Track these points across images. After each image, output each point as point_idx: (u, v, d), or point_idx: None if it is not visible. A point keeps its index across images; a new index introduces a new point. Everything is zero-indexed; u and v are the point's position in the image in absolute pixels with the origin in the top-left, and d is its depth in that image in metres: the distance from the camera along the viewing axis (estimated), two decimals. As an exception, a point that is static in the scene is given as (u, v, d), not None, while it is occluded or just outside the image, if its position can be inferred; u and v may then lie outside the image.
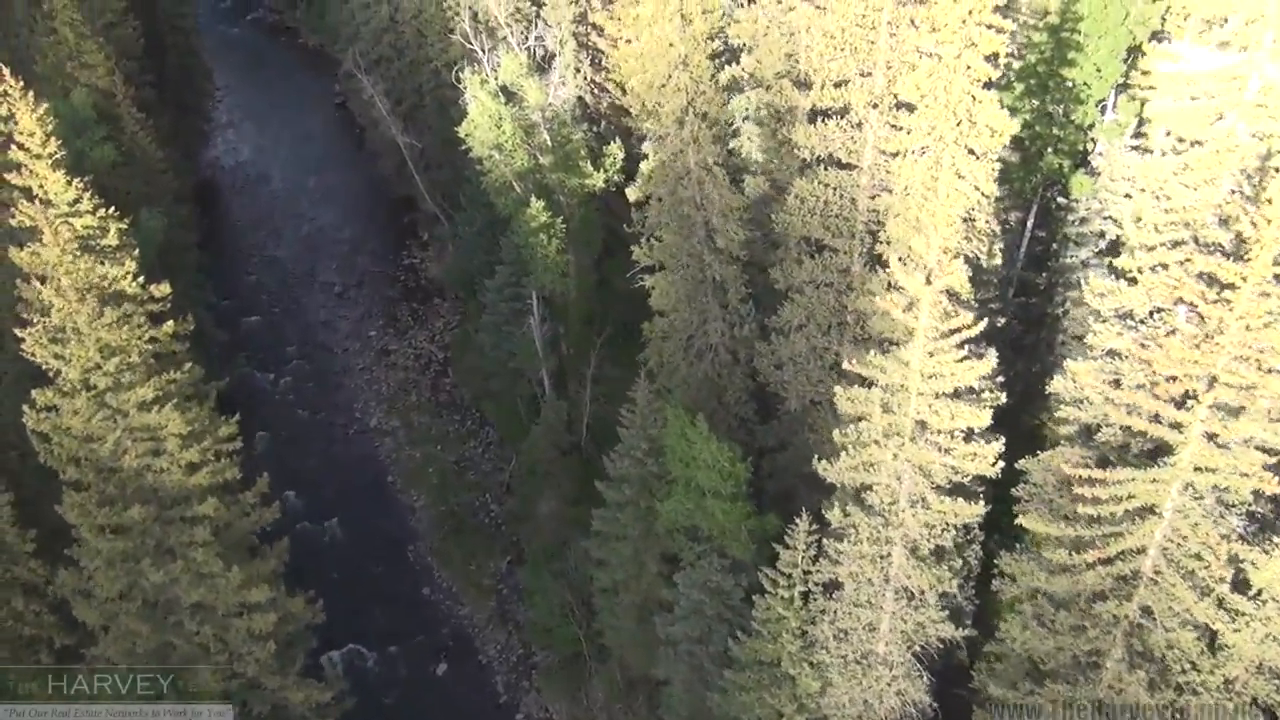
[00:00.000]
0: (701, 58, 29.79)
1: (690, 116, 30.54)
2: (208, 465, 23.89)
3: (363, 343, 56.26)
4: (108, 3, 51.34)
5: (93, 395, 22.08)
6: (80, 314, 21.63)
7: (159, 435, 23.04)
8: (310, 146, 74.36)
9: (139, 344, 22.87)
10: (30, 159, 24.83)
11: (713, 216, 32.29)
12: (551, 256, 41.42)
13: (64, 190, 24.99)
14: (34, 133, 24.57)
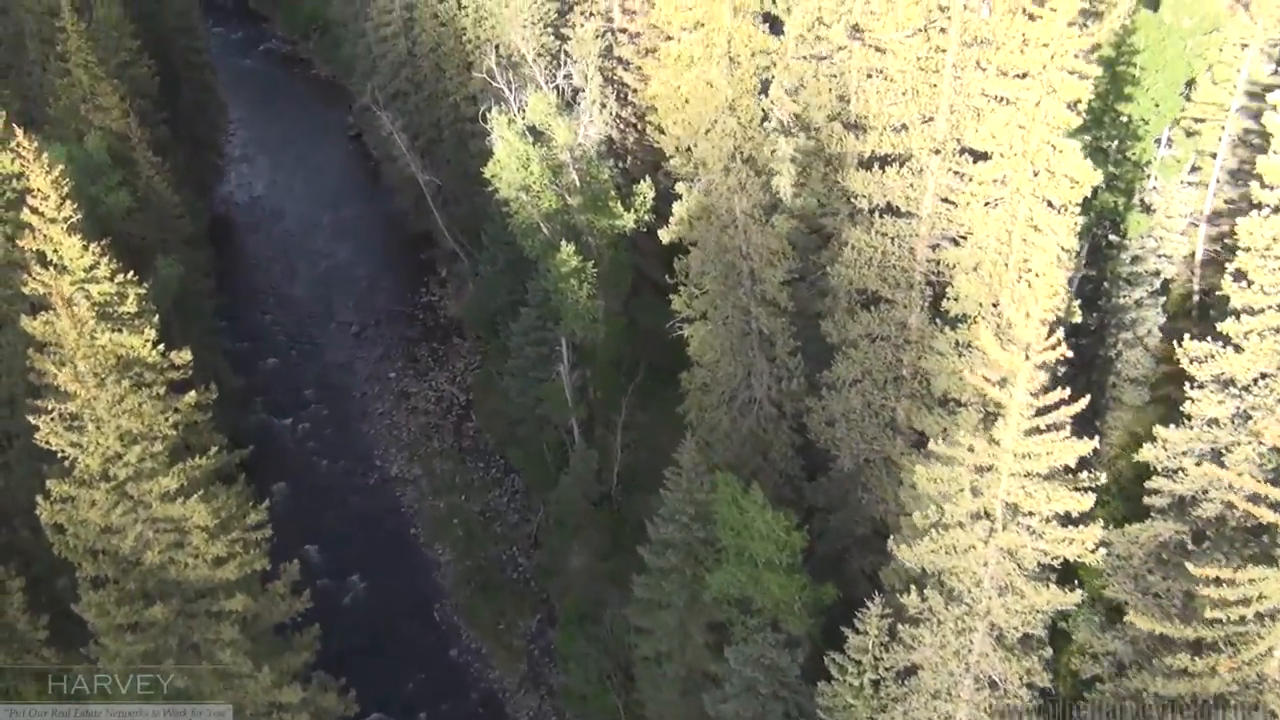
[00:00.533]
0: (750, 102, 28.17)
1: (737, 163, 28.90)
2: (236, 557, 22.18)
3: (382, 385, 54.59)
4: (122, 41, 50.10)
5: (112, 486, 20.39)
6: (99, 400, 19.98)
7: (183, 527, 21.32)
8: (325, 180, 73.07)
9: (162, 429, 21.18)
10: (44, 223, 23.26)
11: (760, 267, 30.56)
12: (583, 302, 39.74)
13: (80, 256, 23.40)
14: (48, 195, 22.99)
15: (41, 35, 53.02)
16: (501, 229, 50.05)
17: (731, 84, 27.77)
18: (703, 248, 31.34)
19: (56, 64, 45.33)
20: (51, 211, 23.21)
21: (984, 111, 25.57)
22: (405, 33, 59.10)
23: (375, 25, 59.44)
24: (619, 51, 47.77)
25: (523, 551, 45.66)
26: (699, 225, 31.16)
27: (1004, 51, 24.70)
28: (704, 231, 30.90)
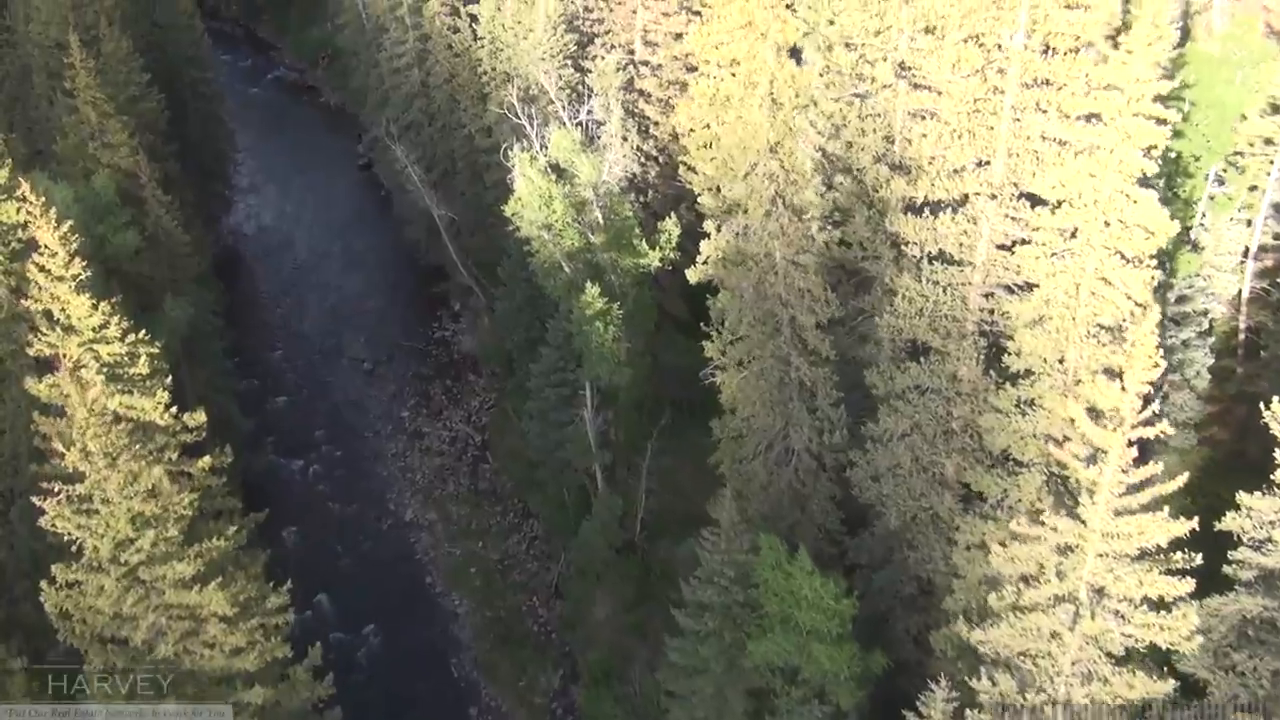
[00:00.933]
0: (792, 144, 26.76)
1: (778, 208, 27.46)
2: (255, 646, 20.60)
3: (394, 425, 53.05)
4: (130, 75, 48.95)
5: (124, 572, 18.86)
6: (110, 481, 18.49)
7: (199, 615, 19.78)
8: (334, 210, 71.85)
9: (178, 508, 19.65)
10: (51, 281, 21.85)
11: (801, 314, 29.07)
12: (608, 346, 38.23)
13: (88, 315, 21.96)
14: (55, 252, 21.58)
15: (49, 68, 51.96)
16: (519, 265, 48.68)
17: (774, 126, 26.37)
18: (738, 294, 29.85)
19: (64, 99, 44.09)
20: (59, 268, 21.82)
21: (1045, 156, 24.21)
22: (419, 64, 58.04)
23: (388, 56, 58.37)
24: (641, 84, 46.57)
25: (543, 602, 43.95)
26: (735, 270, 29.70)
27: (1067, 93, 23.37)
28: (740, 277, 29.44)
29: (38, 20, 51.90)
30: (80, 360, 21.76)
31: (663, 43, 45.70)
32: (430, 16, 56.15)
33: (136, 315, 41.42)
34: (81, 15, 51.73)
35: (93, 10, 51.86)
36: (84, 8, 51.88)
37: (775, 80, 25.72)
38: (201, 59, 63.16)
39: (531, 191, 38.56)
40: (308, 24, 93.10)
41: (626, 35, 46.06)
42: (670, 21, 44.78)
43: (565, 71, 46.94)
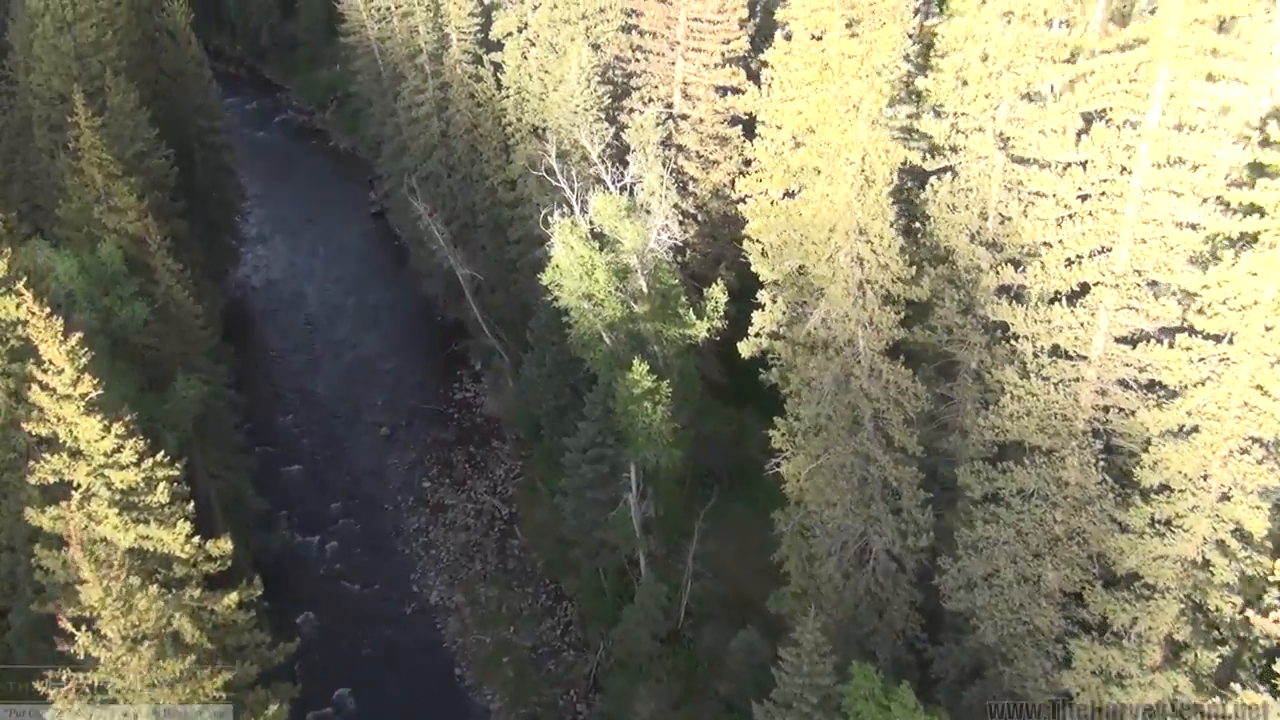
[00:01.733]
0: (884, 227, 24.02)
1: (867, 295, 24.67)
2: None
3: (416, 496, 49.99)
4: (137, 130, 46.35)
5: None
6: (129, 666, 15.58)
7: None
8: (347, 262, 69.21)
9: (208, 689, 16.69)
10: (56, 402, 19.00)
11: (888, 408, 26.21)
12: (655, 426, 35.38)
13: (99, 439, 19.08)
14: (62, 369, 18.75)
15: (50, 121, 49.44)
16: (549, 329, 45.98)
17: (865, 207, 23.65)
18: (816, 386, 26.99)
19: (67, 160, 41.41)
20: (65, 387, 18.97)
21: (1176, 244, 21.52)
22: (438, 113, 55.60)
23: (406, 105, 55.94)
24: (680, 139, 44.04)
25: (581, 696, 40.74)
26: (811, 358, 26.85)
27: (1203, 174, 20.70)
28: (819, 367, 26.58)
29: (39, 71, 49.41)
30: (90, 489, 18.83)
31: (703, 96, 43.20)
32: (451, 65, 53.82)
33: (146, 392, 38.78)
34: (86, 66, 49.28)
35: (97, 60, 49.38)
36: (88, 58, 49.41)
37: (868, 155, 23.03)
38: (210, 107, 60.64)
39: (572, 260, 35.86)
40: (315, 66, 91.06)
41: (665, 88, 43.56)
42: (713, 74, 42.30)
43: (599, 126, 44.41)
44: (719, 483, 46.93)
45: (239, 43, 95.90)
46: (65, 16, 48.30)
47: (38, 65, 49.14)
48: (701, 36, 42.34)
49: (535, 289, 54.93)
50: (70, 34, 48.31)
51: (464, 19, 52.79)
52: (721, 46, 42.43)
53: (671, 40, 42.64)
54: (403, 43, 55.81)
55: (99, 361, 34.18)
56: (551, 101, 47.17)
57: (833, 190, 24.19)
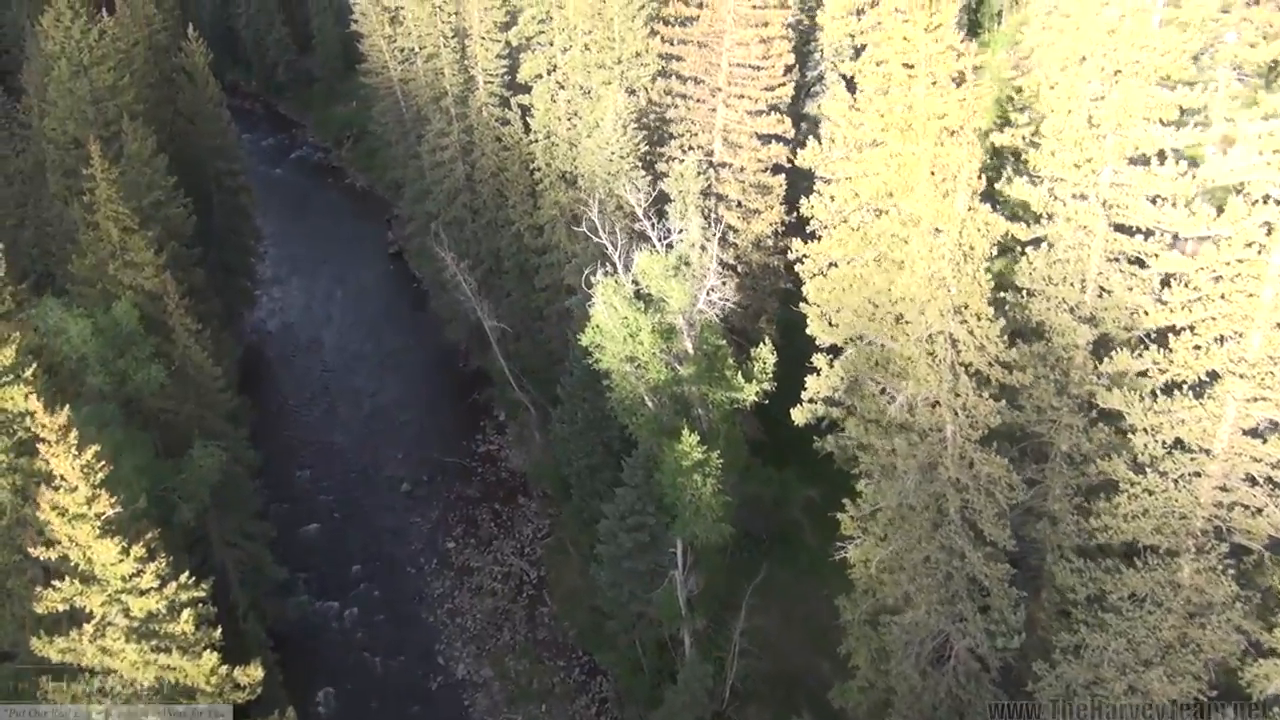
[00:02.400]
0: (982, 305, 21.78)
1: (962, 380, 22.40)
2: None
3: (440, 558, 47.60)
4: (154, 179, 44.49)
5: None
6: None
7: None
8: (364, 305, 67.25)
9: None
10: (69, 523, 16.78)
11: (979, 500, 23.87)
12: (705, 500, 33.04)
13: (117, 561, 16.85)
14: (76, 486, 16.56)
15: (64, 166, 47.70)
16: (580, 383, 43.79)
17: (961, 285, 21.45)
18: (896, 472, 24.66)
19: (82, 212, 39.48)
20: (78, 506, 16.77)
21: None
22: (463, 157, 53.75)
23: (430, 149, 54.11)
24: (720, 188, 42.02)
25: (620, 782, 38.11)
26: (893, 442, 24.53)
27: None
28: (902, 452, 24.26)
29: (54, 115, 47.73)
30: (105, 617, 16.58)
31: (745, 144, 41.23)
32: (477, 107, 52.05)
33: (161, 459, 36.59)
34: (102, 110, 47.61)
35: (114, 105, 47.69)
36: (104, 102, 47.72)
37: (966, 228, 20.85)
38: (228, 149, 58.99)
39: (615, 322, 33.69)
40: (332, 102, 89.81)
41: (705, 135, 41.60)
42: (756, 121, 40.34)
43: (636, 174, 42.44)
44: (760, 546, 44.61)
45: (255, 78, 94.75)
46: (82, 60, 46.69)
47: (52, 109, 47.48)
48: (743, 82, 40.46)
49: (562, 337, 53.00)
50: (86, 77, 46.68)
51: (491, 61, 51.10)
52: (764, 93, 40.53)
53: (713, 86, 40.75)
54: (427, 85, 54.10)
55: (112, 433, 32.18)
56: (584, 148, 45.30)
57: (922, 265, 21.99)
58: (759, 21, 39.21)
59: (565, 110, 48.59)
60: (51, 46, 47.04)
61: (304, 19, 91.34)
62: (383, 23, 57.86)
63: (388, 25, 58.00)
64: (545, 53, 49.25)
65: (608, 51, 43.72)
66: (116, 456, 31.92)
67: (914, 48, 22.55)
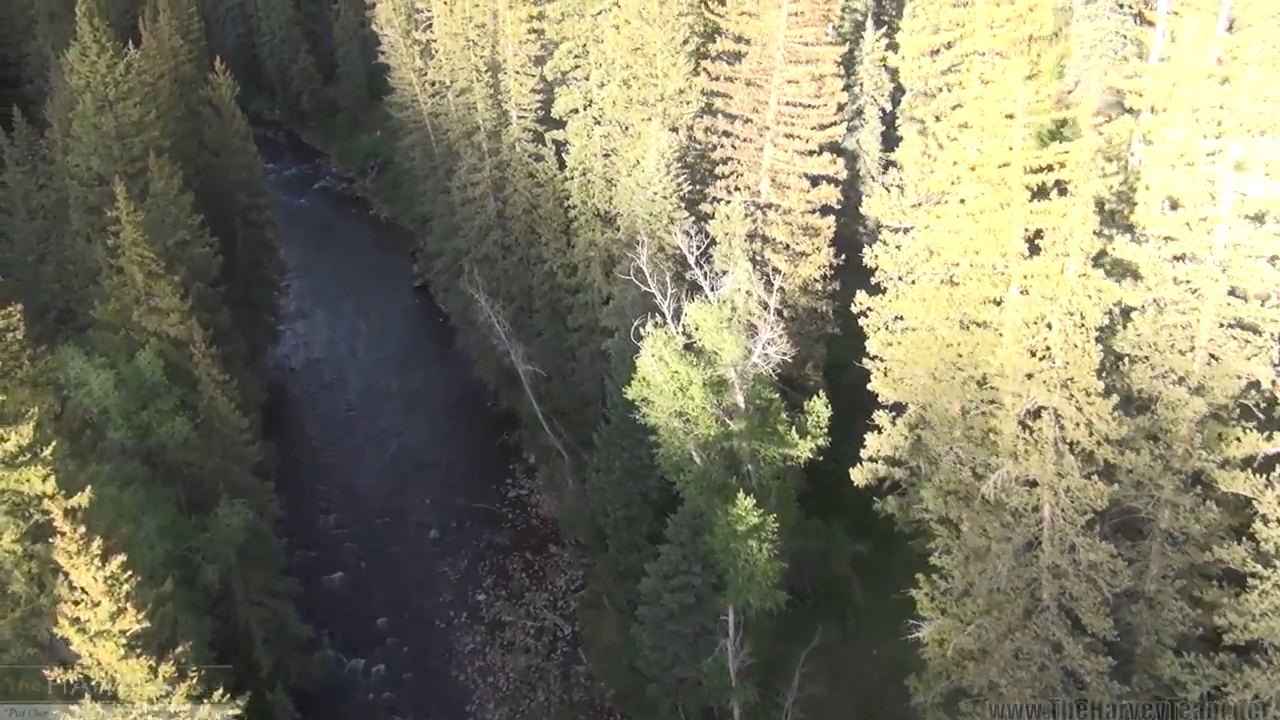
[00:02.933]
0: (1091, 380, 19.85)
1: (1068, 459, 20.44)
2: None
3: (469, 611, 45.66)
4: (181, 217, 43.12)
5: None
6: None
7: None
8: (389, 341, 65.71)
9: None
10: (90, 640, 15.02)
11: (1079, 588, 21.84)
12: (761, 566, 31.09)
13: (146, 681, 15.08)
14: (99, 601, 14.82)
15: (88, 203, 46.41)
16: (618, 431, 41.99)
17: (1070, 357, 19.54)
18: (990, 556, 22.66)
19: (106, 255, 38.06)
20: (101, 623, 15.01)
21: None
22: (495, 193, 52.29)
23: (461, 185, 52.70)
24: (767, 230, 40.30)
25: None
26: (984, 524, 22.55)
27: None
28: (995, 535, 22.26)
29: (78, 151, 46.48)
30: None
31: (794, 185, 39.55)
32: (510, 143, 50.63)
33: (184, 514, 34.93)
34: (127, 147, 46.34)
35: (139, 141, 46.44)
36: (129, 138, 46.47)
37: (1076, 295, 18.96)
38: (254, 183, 57.81)
39: (665, 376, 31.89)
40: (356, 132, 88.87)
41: (752, 176, 39.93)
42: (807, 162, 38.67)
43: (679, 215, 40.83)
44: (805, 602, 42.55)
45: (278, 106, 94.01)
46: (107, 94, 45.49)
47: (76, 145, 46.25)
48: (793, 121, 38.83)
49: (595, 378, 51.26)
50: (112, 113, 45.46)
51: (525, 95, 49.71)
52: (815, 132, 38.88)
53: (761, 125, 39.13)
54: (458, 119, 52.74)
55: (134, 492, 30.50)
56: (623, 186, 43.77)
57: (1022, 333, 20.10)
58: (810, 58, 37.64)
59: (602, 146, 47.13)
60: (77, 81, 45.88)
61: (328, 48, 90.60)
62: (413, 56, 56.67)
63: (418, 59, 56.77)
64: (581, 87, 47.89)
65: (649, 88, 42.20)
66: (139, 516, 30.37)
67: (1009, 95, 20.80)
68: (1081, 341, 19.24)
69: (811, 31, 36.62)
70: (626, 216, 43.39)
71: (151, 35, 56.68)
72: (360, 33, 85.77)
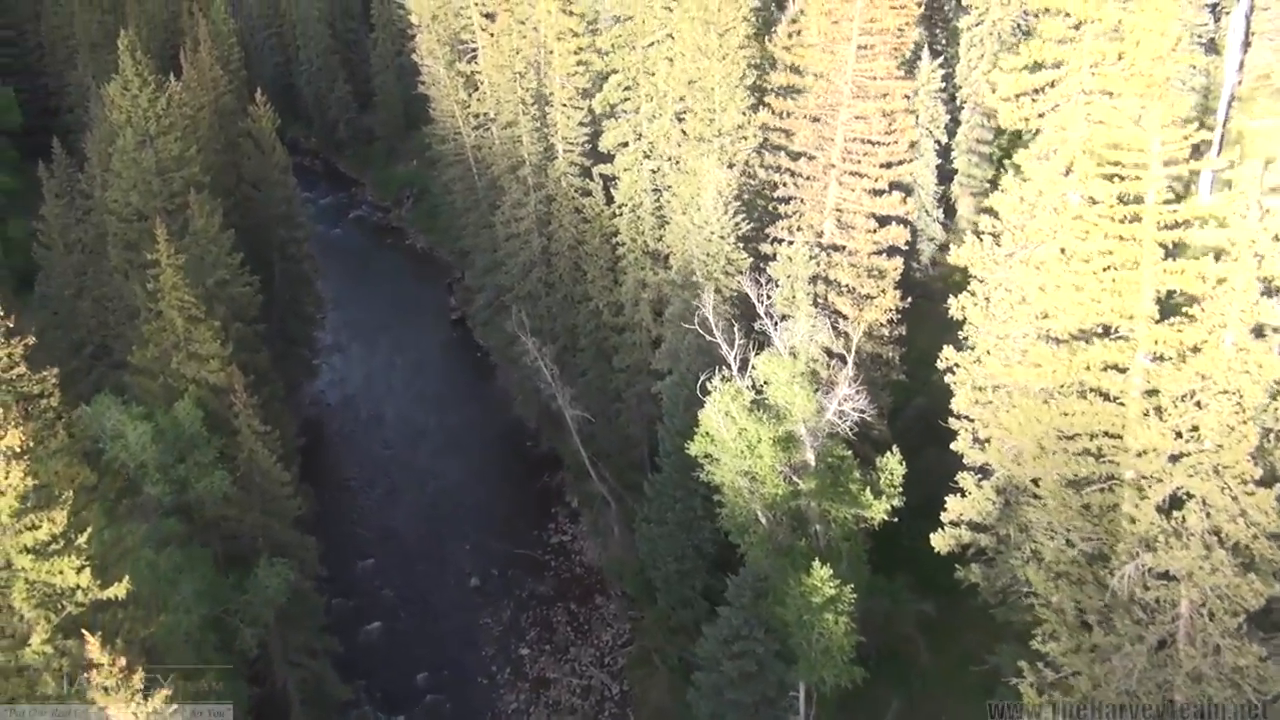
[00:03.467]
0: (1246, 464, 17.61)
1: (1217, 554, 18.17)
2: None
3: (513, 667, 43.62)
4: (221, 256, 41.80)
5: None
6: None
7: None
8: (427, 376, 64.24)
9: None
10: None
11: (1221, 692, 19.48)
12: (837, 641, 28.85)
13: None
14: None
15: (126, 239, 45.34)
16: (671, 482, 40.00)
17: (1223, 438, 17.33)
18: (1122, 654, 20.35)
19: (145, 298, 36.69)
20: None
21: None
22: (540, 228, 50.71)
23: (505, 220, 51.15)
24: (830, 272, 38.25)
25: None
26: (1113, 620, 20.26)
27: None
28: (1128, 634, 19.97)
29: (117, 187, 45.41)
30: None
31: (860, 225, 37.54)
32: (556, 177, 49.05)
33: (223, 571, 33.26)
34: (167, 182, 45.23)
35: (180, 176, 45.31)
36: (170, 173, 45.36)
37: (1232, 371, 16.78)
38: (292, 216, 56.69)
39: (732, 433, 29.88)
40: (392, 161, 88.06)
41: (816, 215, 37.99)
42: (875, 202, 36.68)
43: (737, 255, 38.96)
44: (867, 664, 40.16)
45: (314, 135, 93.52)
46: (148, 129, 44.45)
47: (116, 181, 45.19)
48: (860, 159, 36.87)
49: (641, 420, 49.30)
50: (152, 148, 44.39)
51: (572, 129, 48.17)
52: (883, 170, 36.89)
53: (826, 163, 37.20)
54: (503, 153, 51.30)
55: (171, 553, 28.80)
56: (677, 224, 41.99)
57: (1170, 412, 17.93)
58: (879, 93, 35.71)
59: (652, 181, 45.46)
60: (117, 115, 44.89)
61: (365, 77, 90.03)
62: (456, 88, 55.38)
63: (461, 91, 55.49)
64: (631, 120, 46.27)
65: (707, 123, 40.47)
66: (175, 579, 28.70)
67: (1141, 144, 18.75)
68: (1238, 423, 17.07)
69: (882, 65, 34.73)
70: (680, 256, 41.58)
71: (192, 66, 55.91)
72: (397, 61, 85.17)
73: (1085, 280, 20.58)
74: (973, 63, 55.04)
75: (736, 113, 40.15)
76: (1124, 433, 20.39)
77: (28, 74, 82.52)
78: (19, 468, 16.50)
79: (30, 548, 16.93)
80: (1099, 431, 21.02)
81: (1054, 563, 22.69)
